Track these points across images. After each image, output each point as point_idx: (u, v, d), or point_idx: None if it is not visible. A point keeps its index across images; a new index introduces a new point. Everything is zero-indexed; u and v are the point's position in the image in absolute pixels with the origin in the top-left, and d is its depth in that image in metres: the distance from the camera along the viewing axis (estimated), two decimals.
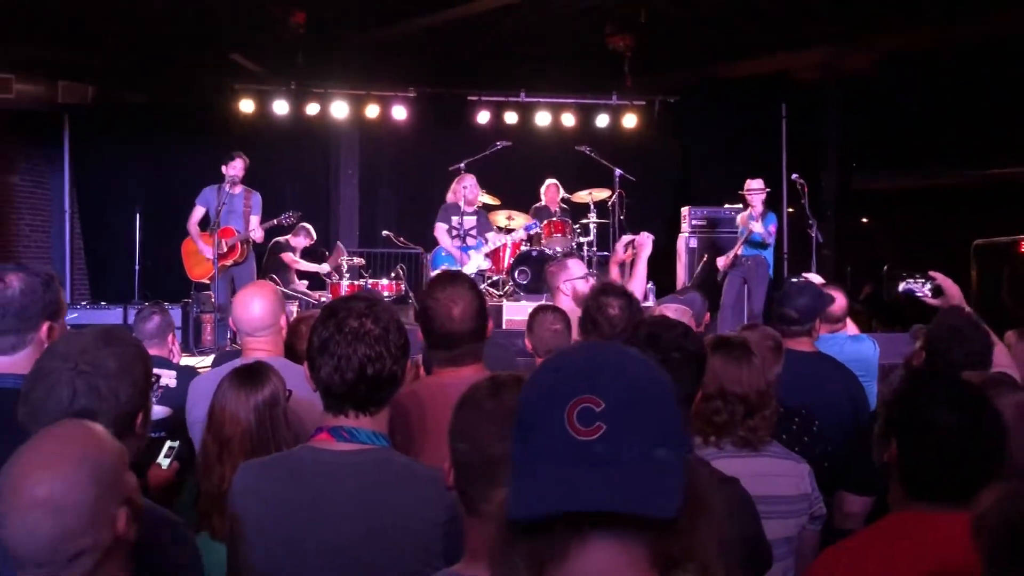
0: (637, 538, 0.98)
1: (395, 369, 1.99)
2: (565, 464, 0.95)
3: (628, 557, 0.98)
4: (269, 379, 2.56)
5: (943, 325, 3.21)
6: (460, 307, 2.48)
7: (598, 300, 2.99)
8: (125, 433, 1.83)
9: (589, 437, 0.95)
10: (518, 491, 0.97)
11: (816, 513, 2.74)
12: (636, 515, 0.94)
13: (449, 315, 2.47)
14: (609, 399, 0.97)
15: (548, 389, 1.01)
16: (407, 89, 10.83)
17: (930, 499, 1.86)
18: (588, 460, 0.95)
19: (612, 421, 0.96)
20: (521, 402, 1.04)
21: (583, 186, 9.99)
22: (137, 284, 9.83)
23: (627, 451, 0.96)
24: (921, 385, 2.00)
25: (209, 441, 2.52)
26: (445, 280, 2.58)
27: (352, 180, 12.00)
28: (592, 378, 0.99)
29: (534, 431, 0.99)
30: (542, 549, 0.99)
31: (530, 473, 0.97)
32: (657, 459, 0.97)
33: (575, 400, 0.97)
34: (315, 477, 1.94)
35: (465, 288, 2.53)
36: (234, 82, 10.48)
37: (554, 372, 1.03)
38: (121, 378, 1.82)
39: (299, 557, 1.90)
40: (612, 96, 10.93)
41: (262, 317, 3.01)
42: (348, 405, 1.97)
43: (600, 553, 0.98)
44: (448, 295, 2.49)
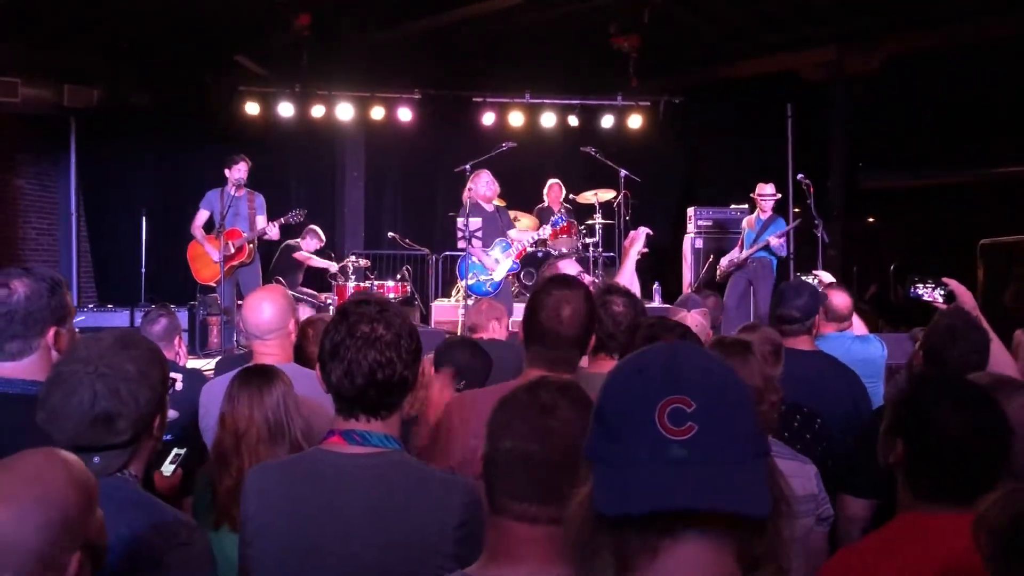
0: (727, 538, 1.00)
1: (406, 374, 1.99)
2: (661, 463, 0.97)
3: (717, 556, 1.00)
4: (278, 378, 2.60)
5: (941, 325, 3.20)
6: (571, 309, 2.46)
7: (603, 298, 2.99)
8: (143, 435, 1.85)
9: (682, 437, 0.97)
10: (611, 488, 0.99)
11: (823, 514, 2.73)
12: (731, 514, 0.96)
13: (557, 314, 2.45)
14: (699, 400, 0.99)
15: (635, 389, 1.02)
16: (412, 91, 10.84)
17: (937, 500, 1.86)
18: (683, 460, 0.97)
19: (703, 421, 0.98)
20: (604, 401, 1.05)
21: (588, 187, 10.00)
22: (143, 287, 9.85)
23: (720, 451, 0.98)
24: (927, 386, 2.00)
25: (224, 437, 2.56)
26: (562, 282, 2.56)
27: (358, 182, 12.01)
28: (680, 379, 1.01)
29: (623, 430, 1.00)
30: (630, 546, 1.00)
31: (624, 471, 0.98)
32: (748, 458, 0.99)
33: (665, 401, 0.99)
34: (327, 480, 1.94)
35: (580, 295, 2.50)
36: (239, 85, 10.50)
37: (638, 372, 1.04)
38: (140, 381, 1.83)
39: (310, 559, 1.90)
40: (617, 97, 10.92)
41: (271, 320, 3.02)
42: (359, 409, 1.98)
43: (691, 552, 0.99)
44: (562, 294, 2.47)
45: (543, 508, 1.46)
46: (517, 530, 1.47)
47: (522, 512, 1.46)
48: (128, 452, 1.83)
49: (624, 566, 1.01)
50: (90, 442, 1.78)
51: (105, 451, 1.80)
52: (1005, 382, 2.30)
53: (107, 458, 1.81)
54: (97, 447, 1.79)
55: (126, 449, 1.83)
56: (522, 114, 10.89)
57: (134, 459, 1.86)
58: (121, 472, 1.83)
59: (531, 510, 1.46)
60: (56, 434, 1.78)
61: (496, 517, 1.50)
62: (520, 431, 1.49)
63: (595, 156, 9.24)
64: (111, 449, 1.81)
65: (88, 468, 1.73)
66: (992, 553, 1.35)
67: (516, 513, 1.46)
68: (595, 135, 10.56)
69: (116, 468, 1.82)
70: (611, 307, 2.93)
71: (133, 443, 1.83)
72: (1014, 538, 1.32)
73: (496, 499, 1.50)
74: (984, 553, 1.36)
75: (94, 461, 1.78)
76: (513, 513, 1.47)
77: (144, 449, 1.88)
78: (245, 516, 2.00)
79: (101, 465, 1.79)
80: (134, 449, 1.84)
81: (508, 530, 1.48)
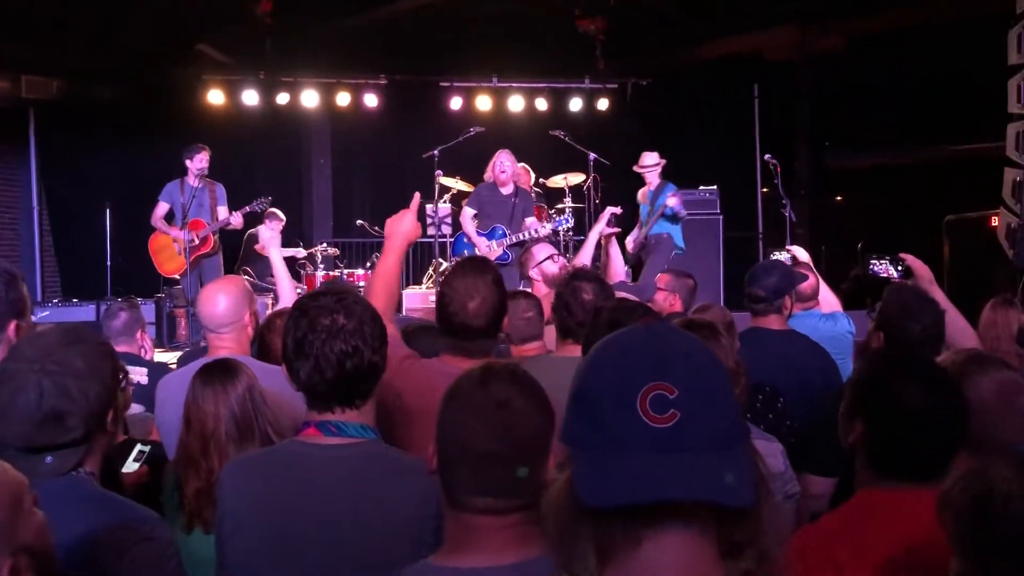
0: (709, 526, 0.99)
1: (375, 359, 1.97)
2: (643, 452, 0.95)
3: (700, 546, 0.99)
4: (241, 371, 2.55)
5: (892, 304, 3.21)
6: (477, 301, 2.44)
7: (571, 285, 2.98)
8: (96, 432, 1.81)
9: (665, 424, 0.95)
10: (591, 477, 0.96)
11: (789, 492, 2.75)
12: (714, 503, 0.94)
13: (464, 308, 2.43)
14: (681, 386, 0.96)
15: (617, 374, 0.99)
16: (378, 76, 10.75)
17: (897, 478, 1.87)
18: (666, 447, 0.95)
19: (686, 408, 0.96)
20: (583, 386, 1.02)
21: (558, 171, 9.96)
22: (109, 280, 9.72)
23: (702, 438, 0.96)
24: (885, 366, 2.01)
25: (190, 440, 2.49)
26: (467, 269, 2.53)
27: (324, 170, 11.91)
28: (663, 364, 0.98)
29: (603, 417, 0.98)
30: (612, 535, 0.99)
31: (603, 459, 0.96)
32: (730, 445, 0.97)
33: (647, 387, 0.96)
34: (305, 472, 1.93)
35: (487, 281, 2.47)
36: (202, 73, 10.36)
37: (619, 357, 1.01)
38: (90, 377, 1.79)
39: (290, 553, 1.89)
40: (585, 80, 10.90)
41: (225, 313, 2.97)
42: (333, 402, 1.96)
43: (674, 542, 0.98)
44: (467, 286, 2.45)
45: (507, 501, 1.45)
46: (480, 522, 1.46)
47: (486, 506, 1.45)
48: (81, 450, 1.79)
49: (605, 555, 1.00)
50: (41, 442, 1.74)
51: (57, 450, 1.76)
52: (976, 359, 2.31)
53: (59, 457, 1.77)
54: (48, 446, 1.75)
55: (79, 447, 1.78)
56: (489, 98, 10.84)
57: (88, 457, 1.82)
58: (76, 470, 1.79)
59: (496, 504, 1.45)
60: (5, 434, 1.74)
61: (457, 512, 1.48)
62: (477, 430, 1.47)
63: (564, 139, 9.21)
64: (63, 448, 1.76)
65: (40, 468, 1.70)
66: (955, 533, 1.35)
67: (479, 507, 1.46)
68: (563, 118, 10.53)
69: (70, 467, 1.78)
70: (580, 294, 2.93)
71: (86, 441, 1.79)
72: (975, 519, 1.31)
73: (457, 496, 1.48)
74: (948, 533, 1.36)
75: (46, 461, 1.74)
76: (476, 508, 1.46)
77: (99, 446, 1.84)
78: (222, 513, 1.97)
79: (54, 465, 1.75)
80: (88, 447, 1.80)
81: (471, 522, 1.47)
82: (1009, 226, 6.25)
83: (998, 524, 1.26)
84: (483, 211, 7.71)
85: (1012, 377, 2.24)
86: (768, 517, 1.03)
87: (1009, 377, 2.23)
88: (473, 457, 1.46)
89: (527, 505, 1.45)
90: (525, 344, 3.52)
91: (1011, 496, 1.26)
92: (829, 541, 1.84)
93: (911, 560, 1.66)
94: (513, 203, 7.68)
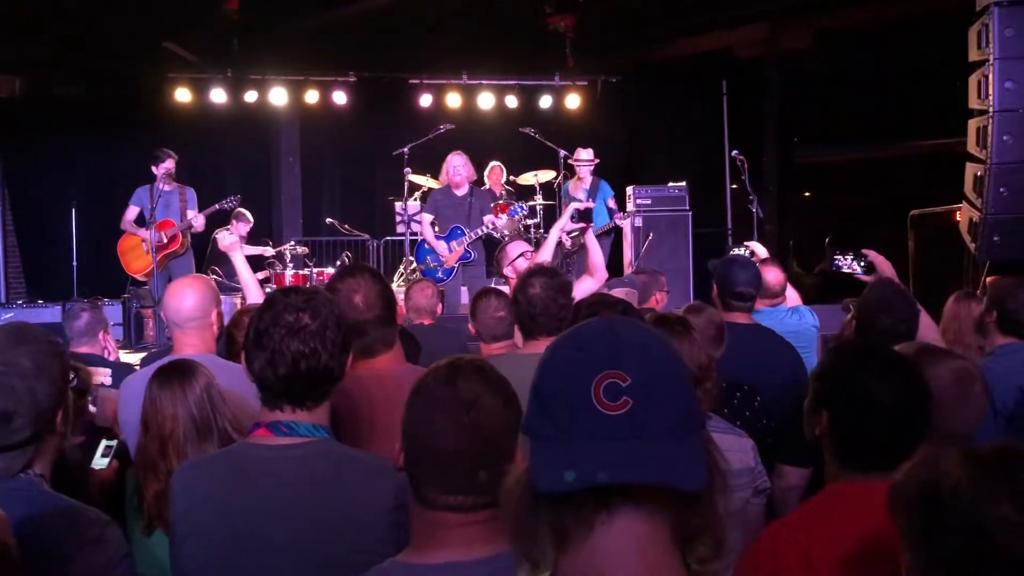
0: (661, 512, 1.00)
1: (331, 365, 1.95)
2: (595, 438, 0.97)
3: (653, 530, 1.00)
4: (198, 372, 2.52)
5: (871, 297, 3.27)
6: (361, 294, 2.46)
7: (523, 280, 3.00)
8: (45, 433, 1.78)
9: (617, 412, 0.97)
10: (546, 465, 0.98)
11: (760, 487, 2.77)
12: (665, 488, 0.96)
13: (351, 304, 2.44)
14: (634, 374, 0.99)
15: (572, 364, 1.02)
16: (347, 73, 10.70)
17: (864, 469, 1.88)
18: (618, 435, 0.97)
19: (638, 396, 0.98)
20: (541, 377, 1.04)
21: (528, 168, 9.98)
22: (75, 281, 9.59)
23: (654, 425, 0.98)
24: (848, 357, 2.02)
25: (148, 442, 2.47)
26: (344, 272, 2.58)
27: (294, 168, 11.84)
28: (616, 354, 1.00)
29: (559, 406, 1.00)
30: (567, 522, 1.01)
31: (559, 447, 0.98)
32: (682, 432, 0.99)
33: (601, 375, 0.98)
34: (255, 473, 1.91)
35: (366, 276, 2.52)
36: (169, 71, 10.25)
37: (576, 348, 1.04)
38: (38, 376, 1.76)
39: (244, 555, 1.87)
40: (555, 77, 10.92)
41: (191, 309, 2.94)
42: (284, 400, 1.94)
43: (626, 526, 0.99)
44: (348, 285, 2.48)
45: (476, 498, 1.45)
46: (448, 519, 1.46)
47: (454, 504, 1.45)
48: (30, 451, 1.76)
49: (561, 542, 1.02)
50: None
51: (4, 452, 1.73)
52: (929, 350, 2.35)
53: (7, 459, 1.74)
54: None
55: (27, 448, 1.75)
56: (459, 96, 10.83)
57: (37, 458, 1.79)
58: (25, 472, 1.76)
59: (463, 502, 1.45)
60: None
61: (424, 509, 1.48)
62: (444, 429, 1.46)
63: (534, 137, 9.22)
64: (10, 449, 1.73)
65: None
66: (904, 526, 1.33)
67: (447, 505, 1.45)
68: (534, 116, 10.55)
69: (18, 469, 1.75)
70: (528, 290, 2.94)
71: (34, 441, 1.76)
72: (923, 511, 1.30)
73: (424, 493, 1.47)
74: (898, 526, 1.34)
75: None
76: (444, 505, 1.45)
77: (48, 447, 1.81)
78: (174, 516, 1.95)
79: (1, 467, 1.73)
80: (36, 448, 1.77)
81: (438, 519, 1.46)
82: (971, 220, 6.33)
83: (946, 516, 1.25)
84: (440, 214, 7.82)
85: (965, 366, 2.28)
86: (723, 506, 1.05)
87: (962, 366, 2.26)
88: (441, 456, 1.45)
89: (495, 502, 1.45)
90: (495, 342, 3.52)
91: (959, 487, 1.25)
92: (800, 534, 1.84)
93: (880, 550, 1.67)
94: (469, 202, 7.79)
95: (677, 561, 1.03)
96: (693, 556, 1.04)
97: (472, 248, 7.71)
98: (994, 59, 5.94)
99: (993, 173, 5.95)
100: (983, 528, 1.22)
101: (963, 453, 1.30)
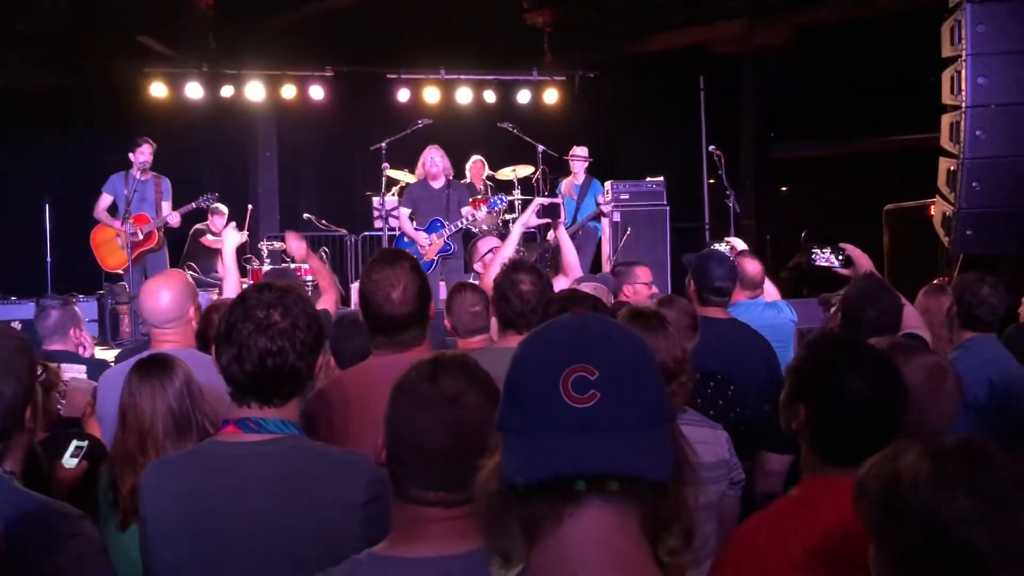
0: (629, 503, 1.01)
1: (299, 365, 1.93)
2: (563, 431, 0.98)
3: (621, 521, 1.02)
4: (177, 366, 2.50)
5: (856, 290, 3.31)
6: (400, 289, 2.40)
7: (510, 277, 2.99)
8: (13, 430, 1.76)
9: (585, 404, 0.99)
10: (516, 457, 1.01)
11: (735, 479, 2.79)
12: (631, 479, 0.98)
13: (388, 298, 2.39)
14: (602, 368, 1.00)
15: (541, 359, 1.03)
16: (324, 68, 10.63)
17: (841, 462, 1.89)
18: (585, 427, 0.98)
19: (606, 389, 0.99)
20: (512, 372, 1.06)
21: (507, 163, 9.97)
22: (49, 277, 9.49)
23: (621, 417, 0.99)
24: (826, 351, 2.03)
25: (125, 437, 2.44)
26: (383, 261, 2.49)
27: (271, 163, 11.76)
28: (584, 348, 1.02)
29: (528, 400, 1.02)
30: (536, 514, 1.02)
31: (527, 440, 1.00)
32: (649, 424, 1.01)
33: (569, 369, 1.00)
34: (225, 471, 1.89)
35: (405, 269, 2.44)
36: (144, 66, 10.15)
37: (544, 343, 1.05)
38: (4, 374, 1.74)
39: (215, 554, 1.86)
40: (533, 72, 10.91)
41: (168, 309, 2.91)
42: (251, 396, 1.93)
43: (594, 518, 1.01)
44: (386, 277, 2.41)
45: (456, 494, 1.44)
46: (428, 514, 1.46)
47: (435, 499, 1.45)
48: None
49: (532, 535, 1.03)
50: None
51: None
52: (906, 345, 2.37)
53: None
54: None
55: None
56: (437, 90, 10.80)
57: (7, 455, 1.77)
58: None
59: (445, 498, 1.45)
60: None
61: (405, 504, 1.48)
62: (427, 426, 1.45)
63: (512, 132, 9.22)
64: None
65: None
66: (868, 520, 1.34)
67: (428, 500, 1.45)
68: (512, 111, 10.54)
69: None
70: (519, 286, 2.94)
71: (3, 439, 1.75)
72: (885, 506, 1.31)
73: (406, 490, 1.47)
74: (863, 520, 1.35)
75: None
76: (425, 500, 1.45)
77: (17, 443, 1.80)
78: (143, 516, 1.93)
79: None
80: (5, 445, 1.76)
81: (418, 514, 1.46)
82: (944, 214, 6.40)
83: (907, 510, 1.27)
84: (418, 208, 7.80)
85: (938, 362, 2.30)
86: (692, 498, 1.07)
87: (935, 362, 2.29)
88: (423, 452, 1.45)
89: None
90: (471, 337, 3.52)
91: (919, 482, 1.26)
92: (779, 526, 1.86)
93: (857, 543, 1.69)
94: (447, 195, 7.79)
95: (646, 552, 1.04)
96: (663, 548, 1.05)
97: (452, 240, 7.71)
98: (967, 55, 6.00)
99: (966, 168, 6.01)
100: (940, 522, 1.24)
101: (923, 447, 1.31)
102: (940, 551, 1.24)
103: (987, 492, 1.24)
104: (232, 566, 1.85)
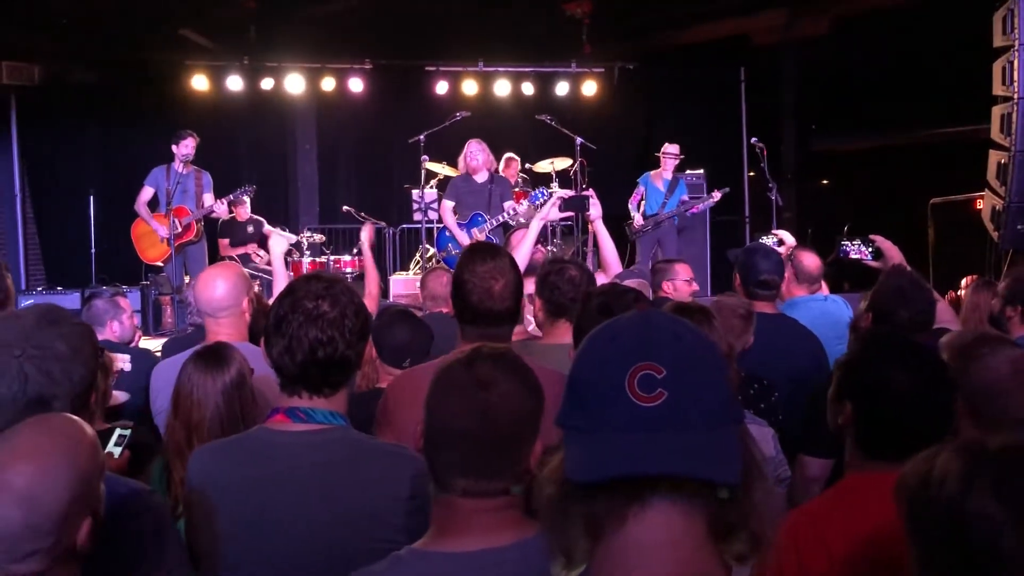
0: (696, 505, 0.99)
1: (348, 354, 1.95)
2: (630, 430, 0.97)
3: (687, 523, 0.99)
4: (233, 359, 2.51)
5: (887, 286, 3.22)
6: (503, 283, 2.36)
7: (557, 266, 2.97)
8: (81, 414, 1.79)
9: (652, 403, 0.97)
10: (579, 456, 0.99)
11: (781, 476, 2.77)
12: (699, 480, 0.96)
13: (490, 291, 2.35)
14: (669, 366, 0.98)
15: (607, 357, 1.01)
16: (363, 61, 10.68)
17: (886, 459, 1.87)
18: (652, 426, 0.96)
19: (674, 388, 0.97)
20: (576, 370, 1.04)
21: (544, 155, 9.94)
22: (94, 267, 9.66)
23: (689, 417, 0.97)
24: (874, 347, 2.01)
25: (177, 427, 2.47)
26: (485, 253, 2.44)
27: (310, 155, 11.85)
28: (651, 346, 1.00)
29: (593, 398, 1.00)
30: (599, 514, 1.00)
31: (594, 438, 0.98)
32: (718, 424, 0.99)
33: (635, 367, 0.98)
34: (272, 459, 1.91)
35: (507, 264, 2.41)
36: (185, 59, 10.26)
37: (610, 341, 1.03)
38: (73, 359, 1.78)
39: (259, 540, 1.88)
40: (571, 64, 10.87)
41: (223, 297, 2.94)
42: (301, 387, 1.95)
43: (659, 519, 0.98)
44: (489, 270, 2.37)
45: (489, 482, 1.46)
46: (464, 504, 1.47)
47: (467, 487, 1.46)
48: None
49: (595, 533, 1.01)
50: None
51: None
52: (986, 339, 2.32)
53: None
54: None
55: None
56: (475, 83, 10.80)
57: None
58: None
59: (477, 485, 1.45)
60: None
61: (442, 493, 1.49)
62: (458, 409, 1.47)
63: (550, 124, 9.19)
64: None
65: None
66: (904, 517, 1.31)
67: (461, 488, 1.46)
68: (550, 103, 10.50)
69: None
70: (567, 272, 2.91)
71: None
72: (916, 503, 1.28)
73: (440, 476, 1.49)
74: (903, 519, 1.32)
75: None
76: (458, 489, 1.46)
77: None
78: (190, 502, 1.96)
79: None
80: None
81: (454, 505, 1.47)
82: (994, 208, 6.27)
83: (932, 509, 1.24)
84: (461, 201, 7.76)
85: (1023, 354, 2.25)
86: (762, 501, 1.03)
87: (1020, 354, 2.24)
88: (453, 436, 1.46)
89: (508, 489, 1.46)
90: None
91: (945, 479, 1.23)
92: (820, 523, 1.84)
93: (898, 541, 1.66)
94: (489, 189, 7.75)
95: (713, 555, 1.01)
96: (730, 552, 1.02)
97: (493, 235, 7.67)
98: (1020, 45, 5.87)
99: (1017, 161, 5.89)
100: (964, 522, 1.20)
101: (959, 445, 1.28)
102: (962, 552, 1.21)
103: (1015, 496, 1.20)
104: (275, 553, 1.87)
